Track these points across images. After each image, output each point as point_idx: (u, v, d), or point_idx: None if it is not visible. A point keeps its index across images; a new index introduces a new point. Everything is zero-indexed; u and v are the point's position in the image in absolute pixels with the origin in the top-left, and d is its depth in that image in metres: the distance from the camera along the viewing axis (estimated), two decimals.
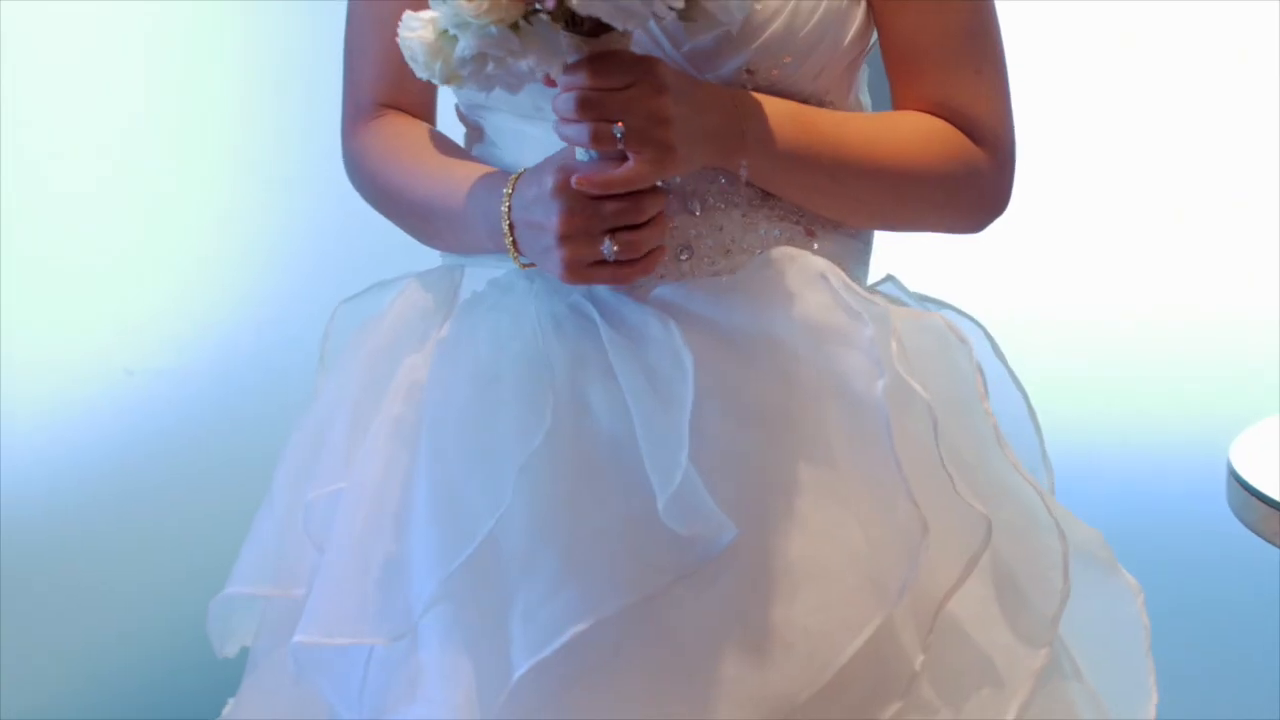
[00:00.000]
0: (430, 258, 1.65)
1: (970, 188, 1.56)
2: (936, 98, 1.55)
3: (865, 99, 1.62)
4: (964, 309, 1.59)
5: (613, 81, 1.39)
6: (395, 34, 1.42)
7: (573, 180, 1.41)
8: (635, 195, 1.42)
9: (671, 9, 1.35)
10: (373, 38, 1.62)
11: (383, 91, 1.65)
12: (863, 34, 1.55)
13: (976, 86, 1.55)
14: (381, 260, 1.80)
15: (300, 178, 3.10)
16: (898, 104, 1.57)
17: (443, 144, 1.62)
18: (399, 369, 1.53)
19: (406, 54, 1.40)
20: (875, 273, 1.63)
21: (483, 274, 1.57)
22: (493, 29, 1.35)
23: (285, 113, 3.12)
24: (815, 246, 1.54)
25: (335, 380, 1.60)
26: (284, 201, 3.15)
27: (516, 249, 1.48)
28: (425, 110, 1.67)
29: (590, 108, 1.39)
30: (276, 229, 3.17)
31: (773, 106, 1.49)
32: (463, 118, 1.63)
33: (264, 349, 3.07)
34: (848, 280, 1.49)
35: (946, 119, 1.55)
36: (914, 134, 1.54)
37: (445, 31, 1.38)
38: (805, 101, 1.52)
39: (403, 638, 1.45)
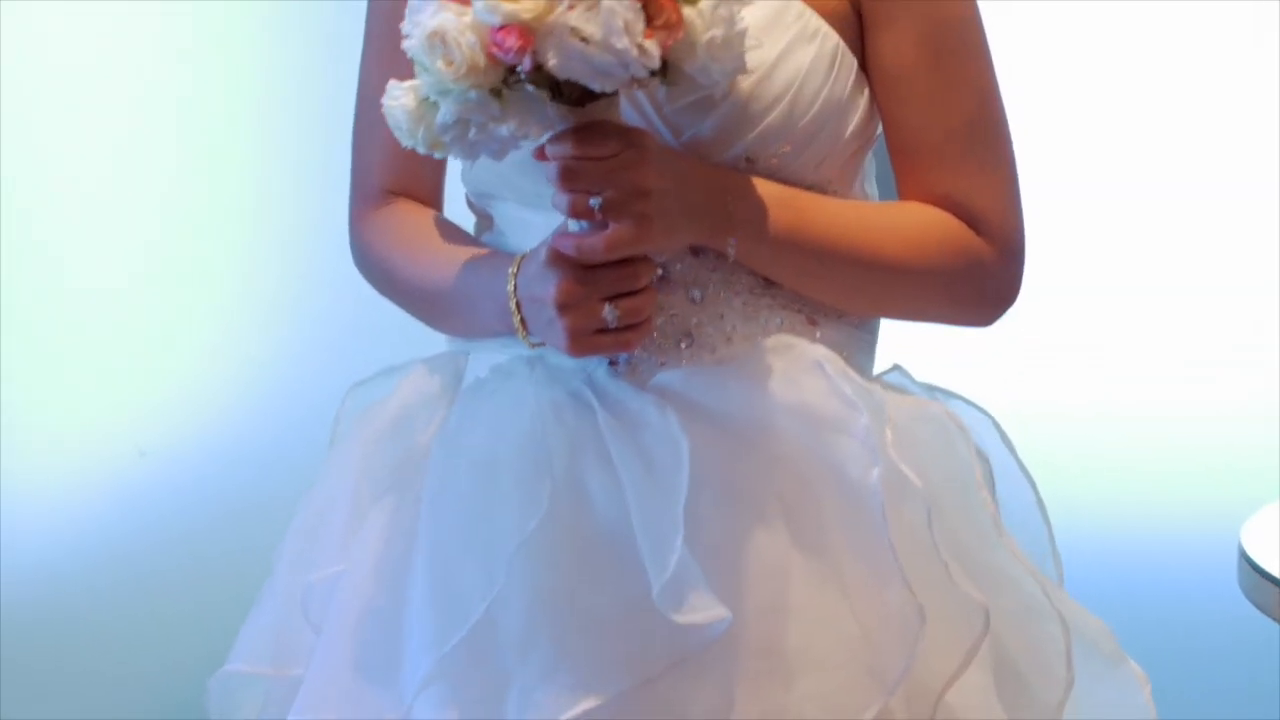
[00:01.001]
0: (439, 342, 1.66)
1: (971, 280, 1.56)
2: (941, 190, 1.55)
3: (871, 190, 1.62)
4: (972, 399, 1.59)
5: (597, 150, 1.39)
6: None
7: (554, 243, 1.42)
8: (628, 262, 1.42)
9: (650, 71, 1.35)
10: (380, 125, 1.63)
11: (390, 179, 1.65)
12: (866, 125, 1.55)
13: (982, 180, 1.55)
14: (396, 344, 1.81)
15: (314, 263, 3.11)
16: (903, 195, 1.57)
17: (449, 230, 1.63)
18: (400, 454, 1.54)
19: (390, 122, 1.41)
20: (883, 361, 1.63)
21: (488, 359, 1.58)
22: (472, 94, 1.35)
23: (300, 204, 3.14)
24: (817, 335, 1.54)
25: (337, 464, 1.60)
26: (296, 288, 3.17)
27: (525, 328, 1.48)
28: (432, 197, 1.68)
29: (572, 178, 1.40)
30: (289, 313, 3.19)
31: (765, 189, 1.49)
32: (472, 206, 1.64)
33: (275, 432, 3.08)
34: (844, 368, 1.49)
35: (951, 211, 1.55)
36: (913, 225, 1.54)
37: (427, 99, 1.39)
38: (808, 190, 1.53)
39: (396, 718, 1.45)
